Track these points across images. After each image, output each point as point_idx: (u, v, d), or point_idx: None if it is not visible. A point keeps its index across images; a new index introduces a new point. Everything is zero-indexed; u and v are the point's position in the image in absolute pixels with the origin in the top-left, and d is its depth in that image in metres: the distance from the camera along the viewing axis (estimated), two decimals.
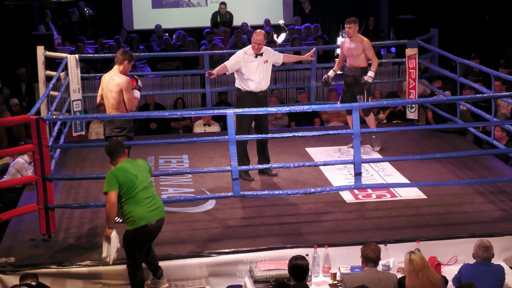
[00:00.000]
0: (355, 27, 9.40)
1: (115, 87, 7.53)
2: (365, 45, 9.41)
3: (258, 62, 8.63)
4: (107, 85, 7.63)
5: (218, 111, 7.92)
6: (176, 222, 7.64)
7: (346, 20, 9.46)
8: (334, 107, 8.63)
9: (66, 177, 8.41)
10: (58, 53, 11.75)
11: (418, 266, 5.81)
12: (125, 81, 7.52)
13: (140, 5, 17.59)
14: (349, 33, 9.41)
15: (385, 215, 7.71)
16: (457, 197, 8.10)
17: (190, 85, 13.42)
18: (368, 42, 9.44)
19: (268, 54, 8.72)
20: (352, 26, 9.38)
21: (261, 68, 8.64)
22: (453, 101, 10.30)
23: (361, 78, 9.42)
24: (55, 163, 8.80)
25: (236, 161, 7.35)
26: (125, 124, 7.62)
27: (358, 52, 9.41)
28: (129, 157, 6.64)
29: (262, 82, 8.67)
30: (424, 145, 9.94)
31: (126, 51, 7.72)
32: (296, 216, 7.75)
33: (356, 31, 9.43)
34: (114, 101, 7.57)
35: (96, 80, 13.29)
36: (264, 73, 8.68)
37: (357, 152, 7.50)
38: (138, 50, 15.42)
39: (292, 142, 9.92)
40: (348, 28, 9.40)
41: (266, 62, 8.69)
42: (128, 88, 7.53)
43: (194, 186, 8.66)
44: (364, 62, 9.49)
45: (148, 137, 10.68)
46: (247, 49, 8.69)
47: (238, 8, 17.44)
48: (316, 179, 8.77)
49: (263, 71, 8.66)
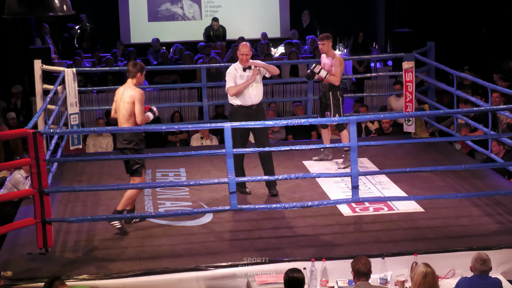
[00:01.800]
0: (328, 43, 9.40)
1: (129, 98, 7.64)
2: (335, 61, 9.39)
3: (247, 75, 8.60)
4: (120, 97, 7.73)
5: (216, 125, 7.91)
6: (173, 236, 7.64)
7: (319, 37, 9.51)
8: (331, 121, 8.65)
9: (63, 190, 8.41)
10: (55, 66, 11.79)
11: (429, 283, 5.77)
12: (138, 93, 7.64)
13: (137, 18, 17.65)
14: (323, 49, 9.42)
15: (382, 228, 7.71)
16: (454, 210, 8.11)
17: (187, 98, 13.45)
18: (338, 60, 9.41)
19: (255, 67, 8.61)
20: (326, 43, 9.39)
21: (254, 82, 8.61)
22: (450, 114, 10.34)
23: (328, 94, 9.46)
24: (52, 177, 8.81)
25: (233, 174, 7.36)
26: (132, 136, 7.65)
27: (329, 68, 9.42)
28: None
29: (252, 96, 8.59)
30: (421, 158, 9.96)
31: (136, 63, 7.83)
32: (294, 229, 7.75)
33: (330, 47, 9.43)
34: (126, 112, 7.66)
35: (93, 94, 13.32)
36: (255, 86, 8.61)
37: (354, 165, 7.51)
38: None
39: (290, 155, 9.94)
40: (322, 44, 9.39)
41: (257, 74, 8.57)
42: (141, 101, 7.65)
43: (191, 199, 8.66)
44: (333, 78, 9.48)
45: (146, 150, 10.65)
46: (236, 65, 8.64)
47: (235, 21, 17.51)
48: (313, 193, 8.77)
49: (253, 85, 8.59)
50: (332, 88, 9.49)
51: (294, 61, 14.02)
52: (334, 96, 9.51)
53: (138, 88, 7.75)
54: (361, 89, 14.71)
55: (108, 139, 11.90)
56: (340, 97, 9.52)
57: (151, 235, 7.68)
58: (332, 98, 9.50)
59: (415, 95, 10.79)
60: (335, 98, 9.50)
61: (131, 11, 17.59)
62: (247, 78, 8.55)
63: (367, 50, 15.87)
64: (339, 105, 9.53)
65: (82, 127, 11.34)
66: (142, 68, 7.80)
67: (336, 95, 9.51)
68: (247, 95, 8.58)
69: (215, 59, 14.65)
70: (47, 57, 13.02)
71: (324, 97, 9.57)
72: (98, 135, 11.90)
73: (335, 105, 9.50)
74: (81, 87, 11.37)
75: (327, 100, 9.53)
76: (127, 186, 7.83)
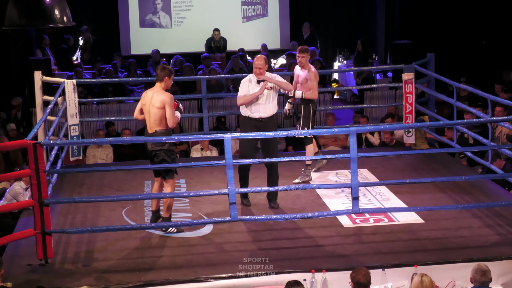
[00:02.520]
0: (307, 56, 9.39)
1: (159, 103, 7.74)
2: (309, 75, 9.34)
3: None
4: (149, 101, 7.84)
5: (216, 136, 7.94)
6: (173, 247, 7.64)
7: (298, 49, 9.40)
8: (331, 132, 8.65)
9: (63, 201, 8.41)
10: (55, 78, 11.81)
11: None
12: (169, 98, 7.75)
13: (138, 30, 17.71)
14: (302, 62, 9.34)
15: (382, 240, 7.71)
16: (454, 222, 8.12)
17: (187, 109, 13.49)
18: (313, 73, 9.34)
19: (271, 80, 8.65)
20: (305, 56, 9.35)
21: (263, 94, 8.63)
22: (450, 126, 10.36)
23: (300, 107, 9.41)
24: (52, 188, 8.81)
25: (233, 185, 7.36)
26: (166, 138, 7.67)
27: (303, 81, 9.37)
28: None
29: (261, 109, 8.60)
30: (421, 169, 9.97)
31: (164, 67, 7.92)
32: (294, 240, 7.75)
33: (307, 60, 9.44)
34: (156, 117, 7.78)
35: (93, 105, 13.35)
36: (266, 99, 8.62)
37: (354, 176, 7.52)
38: (135, 75, 15.51)
39: (290, 166, 9.94)
40: (302, 57, 9.33)
41: (270, 89, 8.62)
42: (171, 104, 7.75)
43: (191, 210, 8.67)
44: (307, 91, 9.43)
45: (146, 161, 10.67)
46: (252, 75, 8.69)
47: (235, 33, 17.56)
48: (313, 204, 8.78)
49: (264, 98, 8.62)
50: (305, 101, 9.42)
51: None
52: (305, 108, 9.42)
53: (167, 92, 7.85)
54: (361, 100, 14.75)
55: (108, 150, 11.91)
56: (311, 110, 9.44)
57: (151, 246, 7.68)
58: (303, 110, 9.44)
59: (415, 106, 10.81)
60: (306, 110, 9.41)
61: (131, 22, 17.65)
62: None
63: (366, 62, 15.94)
64: (309, 117, 9.46)
65: (82, 138, 11.35)
66: (170, 72, 7.90)
67: (308, 108, 9.42)
68: (255, 107, 8.60)
69: (215, 70, 14.68)
70: (47, 69, 13.06)
71: (297, 109, 9.54)
72: (98, 146, 11.92)
73: (305, 117, 9.41)
74: (81, 98, 11.40)
75: (299, 113, 9.48)
76: (127, 197, 7.86)
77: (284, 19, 18.08)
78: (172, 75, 7.90)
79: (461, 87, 10.29)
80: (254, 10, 17.96)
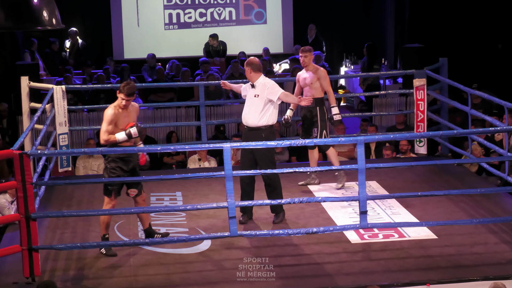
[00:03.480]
0: (310, 56, 9.48)
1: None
2: (320, 74, 9.44)
3: (250, 94, 8.61)
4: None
5: (214, 145, 7.90)
6: (168, 264, 7.62)
7: (301, 49, 9.55)
8: (337, 141, 8.63)
9: (52, 215, 8.40)
10: (43, 84, 11.80)
11: None
12: (105, 112, 7.71)
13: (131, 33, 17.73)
14: (305, 62, 9.45)
15: (392, 257, 7.70)
16: (469, 237, 8.10)
17: (184, 117, 13.48)
18: (324, 72, 9.49)
19: (262, 88, 8.53)
20: (308, 55, 9.46)
21: (251, 101, 8.57)
22: (464, 135, 10.35)
23: (315, 110, 9.46)
24: (40, 201, 8.80)
25: (233, 198, 7.34)
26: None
27: (312, 80, 9.45)
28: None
29: (246, 116, 8.57)
30: (433, 182, 9.96)
31: (125, 82, 7.81)
32: (298, 257, 7.74)
33: (311, 60, 9.50)
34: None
35: (83, 113, 13.34)
36: (250, 107, 8.55)
37: (362, 188, 7.51)
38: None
39: (293, 178, 9.93)
40: (304, 57, 9.44)
41: (257, 96, 8.52)
42: (105, 119, 7.71)
43: (188, 225, 8.65)
44: (319, 92, 9.50)
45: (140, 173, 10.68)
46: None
47: (235, 36, 17.59)
48: (318, 218, 8.76)
49: (249, 105, 8.56)
50: (318, 103, 9.48)
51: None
52: (321, 111, 9.49)
53: (116, 106, 7.79)
54: (370, 108, 14.74)
55: (99, 161, 11.91)
56: (326, 112, 9.52)
57: (144, 264, 7.66)
58: (319, 113, 9.49)
59: (426, 114, 10.80)
60: (322, 113, 9.48)
61: (125, 25, 17.68)
62: (248, 97, 8.60)
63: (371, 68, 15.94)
64: (325, 120, 9.52)
65: (72, 148, 11.34)
66: (122, 85, 7.75)
67: (323, 110, 9.50)
68: (242, 113, 8.64)
69: (213, 76, 14.66)
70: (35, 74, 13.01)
71: (309, 113, 9.55)
72: (89, 157, 11.91)
73: (322, 121, 9.48)
74: (71, 106, 11.39)
75: (314, 116, 9.52)
76: (119, 211, 7.84)
77: (288, 22, 18.11)
78: (121, 89, 7.71)
79: (476, 93, 10.28)
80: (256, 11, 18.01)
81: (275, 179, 8.60)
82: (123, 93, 7.73)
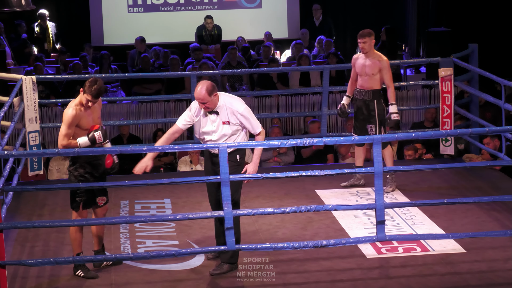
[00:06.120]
0: (370, 41, 9.53)
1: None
2: (383, 64, 9.51)
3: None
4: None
5: (208, 146, 7.90)
6: (155, 282, 7.64)
7: (359, 34, 9.59)
8: (350, 140, 8.63)
9: (20, 226, 8.41)
10: (10, 74, 11.82)
11: None
12: (64, 113, 7.56)
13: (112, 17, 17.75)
14: (365, 48, 9.53)
15: (414, 274, 7.72)
16: (502, 251, 8.12)
17: (174, 112, 13.48)
18: (387, 62, 9.58)
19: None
20: (367, 40, 9.51)
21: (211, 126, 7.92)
22: (498, 133, 10.37)
23: (372, 104, 9.55)
24: (7, 209, 8.82)
25: (230, 206, 7.35)
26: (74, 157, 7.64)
27: (373, 71, 9.51)
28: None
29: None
30: (461, 187, 9.99)
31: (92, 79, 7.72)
32: (304, 274, 7.76)
33: (372, 46, 9.55)
34: None
35: (57, 108, 13.35)
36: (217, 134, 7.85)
37: (379, 195, 7.52)
38: (109, 70, 15.52)
39: (300, 183, 9.95)
40: (363, 43, 9.52)
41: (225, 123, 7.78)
42: (64, 121, 7.57)
43: (178, 237, 8.67)
44: (378, 83, 9.58)
45: (122, 177, 10.70)
46: None
47: (234, 20, 17.61)
48: (329, 229, 8.79)
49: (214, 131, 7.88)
50: (376, 96, 9.54)
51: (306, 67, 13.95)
52: (379, 105, 9.56)
53: (77, 106, 7.58)
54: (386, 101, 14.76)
55: None
56: (384, 107, 9.62)
57: (128, 282, 7.68)
58: (377, 108, 9.55)
59: (454, 109, 10.82)
60: (381, 108, 9.55)
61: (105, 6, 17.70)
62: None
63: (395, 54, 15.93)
64: (384, 115, 9.59)
65: (44, 148, 11.36)
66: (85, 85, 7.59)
67: (381, 105, 9.57)
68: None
69: (207, 65, 14.69)
70: (1, 62, 13.08)
71: (366, 107, 9.62)
72: (64, 159, 11.92)
73: (381, 116, 9.55)
74: (42, 99, 11.40)
75: (371, 111, 9.58)
76: (99, 221, 7.84)
77: (293, 2, 18.14)
78: (86, 89, 7.50)
79: (511, 85, 10.29)
80: None
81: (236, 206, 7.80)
82: (90, 94, 7.50)
